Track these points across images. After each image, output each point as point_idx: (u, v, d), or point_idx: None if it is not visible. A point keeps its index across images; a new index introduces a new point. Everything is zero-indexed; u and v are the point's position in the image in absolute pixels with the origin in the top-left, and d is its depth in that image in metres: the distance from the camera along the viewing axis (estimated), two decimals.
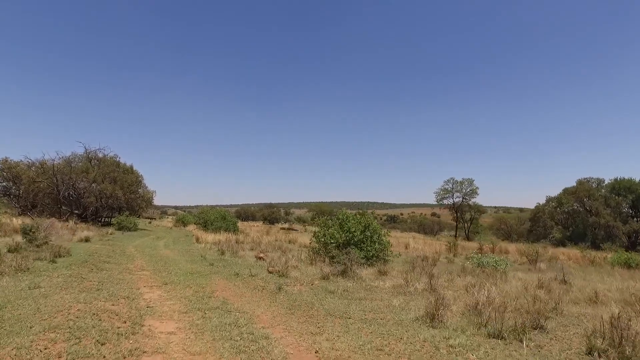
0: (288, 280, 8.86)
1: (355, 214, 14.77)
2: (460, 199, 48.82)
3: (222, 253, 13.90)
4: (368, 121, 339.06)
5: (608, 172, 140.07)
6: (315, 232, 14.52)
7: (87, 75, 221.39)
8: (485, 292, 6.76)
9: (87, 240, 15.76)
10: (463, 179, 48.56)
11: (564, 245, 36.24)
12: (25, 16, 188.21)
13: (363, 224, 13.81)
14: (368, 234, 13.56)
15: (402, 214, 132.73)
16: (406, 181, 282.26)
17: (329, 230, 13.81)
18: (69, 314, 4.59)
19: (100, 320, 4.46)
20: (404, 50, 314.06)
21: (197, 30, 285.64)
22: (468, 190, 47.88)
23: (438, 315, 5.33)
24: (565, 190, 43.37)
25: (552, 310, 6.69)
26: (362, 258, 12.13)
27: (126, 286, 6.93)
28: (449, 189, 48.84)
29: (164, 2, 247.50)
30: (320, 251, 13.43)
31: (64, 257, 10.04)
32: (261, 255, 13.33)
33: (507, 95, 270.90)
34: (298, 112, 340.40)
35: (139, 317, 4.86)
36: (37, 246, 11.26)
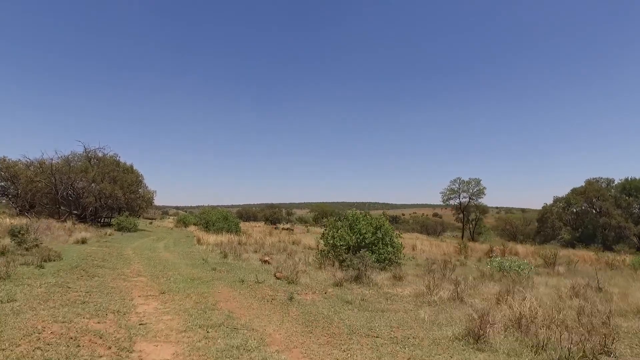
0: (298, 287, 8.04)
1: (365, 215, 13.94)
2: (467, 199, 47.94)
3: (225, 256, 13.08)
4: (368, 121, 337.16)
5: (608, 172, 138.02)
6: (323, 233, 13.71)
7: (87, 75, 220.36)
8: (527, 304, 5.93)
9: (83, 241, 14.97)
10: (470, 178, 47.60)
11: (573, 246, 35.32)
12: (25, 16, 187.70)
13: (374, 225, 12.99)
14: (380, 235, 12.74)
15: (403, 215, 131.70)
16: (407, 181, 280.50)
17: (338, 231, 12.98)
18: (39, 339, 3.68)
19: (78, 346, 3.60)
20: (404, 50, 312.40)
21: (197, 30, 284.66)
22: (475, 190, 46.98)
23: (484, 334, 4.49)
24: (574, 191, 42.40)
25: (603, 326, 5.86)
26: (374, 262, 11.31)
27: (118, 296, 6.11)
28: (456, 188, 47.96)
29: (164, 2, 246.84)
30: (329, 254, 12.61)
31: (54, 261, 9.21)
32: (266, 258, 12.51)
33: (507, 95, 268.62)
34: (298, 112, 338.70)
35: (128, 339, 4.02)
36: (27, 249, 10.45)
